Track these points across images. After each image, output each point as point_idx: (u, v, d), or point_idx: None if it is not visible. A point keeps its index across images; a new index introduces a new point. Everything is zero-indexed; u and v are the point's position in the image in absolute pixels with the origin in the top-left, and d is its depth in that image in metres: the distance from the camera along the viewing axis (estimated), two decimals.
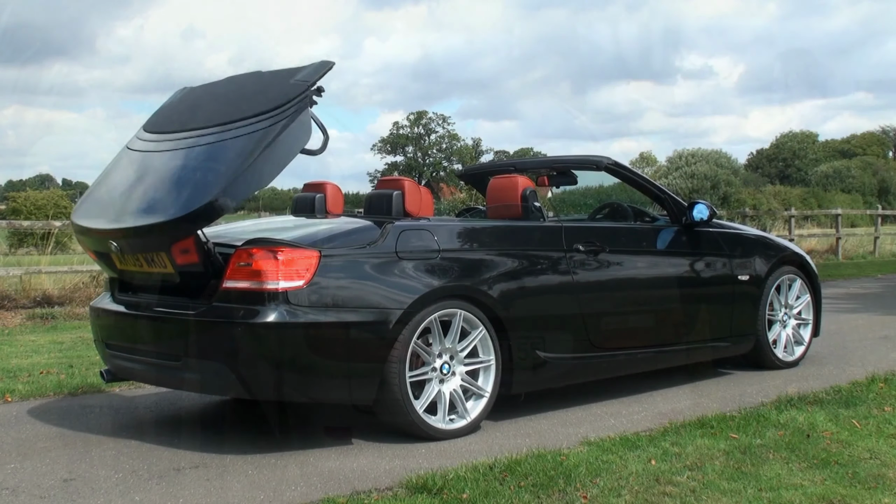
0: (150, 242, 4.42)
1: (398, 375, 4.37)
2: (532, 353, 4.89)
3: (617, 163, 5.76)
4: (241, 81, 5.13)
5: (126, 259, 4.68)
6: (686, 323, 5.79)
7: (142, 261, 4.59)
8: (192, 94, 5.24)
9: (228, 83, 5.19)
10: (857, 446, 4.20)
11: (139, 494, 3.73)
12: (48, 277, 11.35)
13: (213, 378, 4.34)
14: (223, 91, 5.12)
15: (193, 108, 5.02)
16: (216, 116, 4.68)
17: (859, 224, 36.48)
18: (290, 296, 4.19)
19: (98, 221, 4.67)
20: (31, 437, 4.73)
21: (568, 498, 3.56)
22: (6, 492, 3.80)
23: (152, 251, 4.46)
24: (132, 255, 4.60)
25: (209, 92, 5.20)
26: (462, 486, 3.64)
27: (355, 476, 3.93)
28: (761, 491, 3.60)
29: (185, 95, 5.26)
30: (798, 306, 6.48)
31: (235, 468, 4.09)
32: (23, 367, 6.79)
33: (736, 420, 4.72)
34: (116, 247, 4.57)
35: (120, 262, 4.75)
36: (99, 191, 4.94)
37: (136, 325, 4.75)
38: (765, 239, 6.48)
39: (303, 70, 4.67)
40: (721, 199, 29.24)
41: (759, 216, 22.32)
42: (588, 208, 7.14)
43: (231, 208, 4.21)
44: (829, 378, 5.93)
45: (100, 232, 4.62)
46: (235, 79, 5.23)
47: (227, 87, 5.14)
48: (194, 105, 5.06)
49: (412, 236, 4.60)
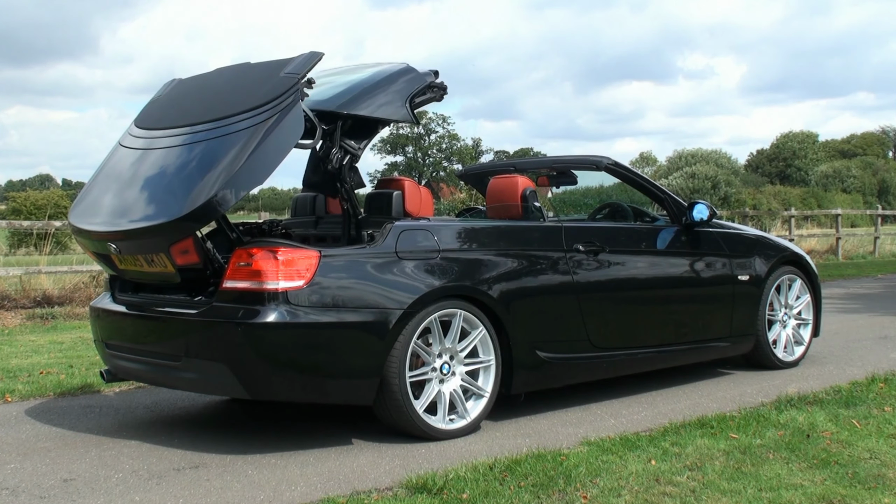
0: (149, 244, 4.42)
1: (398, 375, 4.37)
2: (532, 353, 4.89)
3: (617, 163, 5.76)
4: (231, 73, 5.06)
5: (126, 259, 4.68)
6: (686, 323, 5.79)
7: (142, 261, 4.58)
8: (182, 87, 5.18)
9: (218, 75, 5.13)
10: (857, 446, 4.20)
11: (139, 494, 3.73)
12: (48, 277, 11.35)
13: (213, 378, 4.34)
14: (214, 84, 5.05)
15: (185, 102, 4.97)
16: (209, 111, 4.63)
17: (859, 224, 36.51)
18: (291, 296, 4.19)
19: (95, 223, 4.63)
20: (31, 437, 4.73)
21: (568, 498, 3.56)
22: (6, 492, 3.80)
23: (151, 252, 4.46)
24: (132, 255, 4.60)
25: (200, 85, 5.14)
26: (462, 486, 3.64)
27: (355, 476, 3.93)
28: (761, 491, 3.60)
29: (175, 88, 5.20)
30: (798, 306, 6.48)
31: (235, 468, 4.09)
32: (23, 367, 6.79)
33: (736, 420, 4.72)
34: (115, 248, 4.57)
35: (120, 263, 4.75)
36: (94, 191, 4.90)
37: (137, 325, 4.75)
38: (765, 239, 6.48)
39: (292, 62, 4.61)
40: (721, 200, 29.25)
41: (759, 216, 22.32)
42: (588, 208, 7.14)
43: (229, 205, 4.19)
44: (829, 378, 5.93)
45: (98, 234, 4.60)
46: (225, 71, 5.16)
47: (217, 80, 5.08)
48: (186, 99, 5.01)
49: (412, 236, 4.60)
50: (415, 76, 4.82)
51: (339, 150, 4.63)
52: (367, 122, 4.73)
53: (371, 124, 4.78)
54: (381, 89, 4.69)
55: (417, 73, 4.84)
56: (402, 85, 4.76)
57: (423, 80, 4.86)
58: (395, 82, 4.75)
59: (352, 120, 4.67)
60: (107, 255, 4.74)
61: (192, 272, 4.43)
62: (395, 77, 4.78)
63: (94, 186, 4.93)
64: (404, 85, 4.76)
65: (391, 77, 4.77)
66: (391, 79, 4.76)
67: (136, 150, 4.84)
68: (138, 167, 4.70)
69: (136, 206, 4.52)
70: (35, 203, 33.97)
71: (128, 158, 4.84)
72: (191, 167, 4.39)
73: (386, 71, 4.84)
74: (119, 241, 4.51)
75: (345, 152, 4.66)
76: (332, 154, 4.63)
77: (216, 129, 4.44)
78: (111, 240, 4.54)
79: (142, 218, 4.40)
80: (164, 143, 4.67)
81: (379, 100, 4.66)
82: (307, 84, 4.50)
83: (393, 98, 4.70)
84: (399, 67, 4.86)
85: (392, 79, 4.76)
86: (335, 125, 4.66)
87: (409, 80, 4.79)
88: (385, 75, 4.78)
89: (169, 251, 4.33)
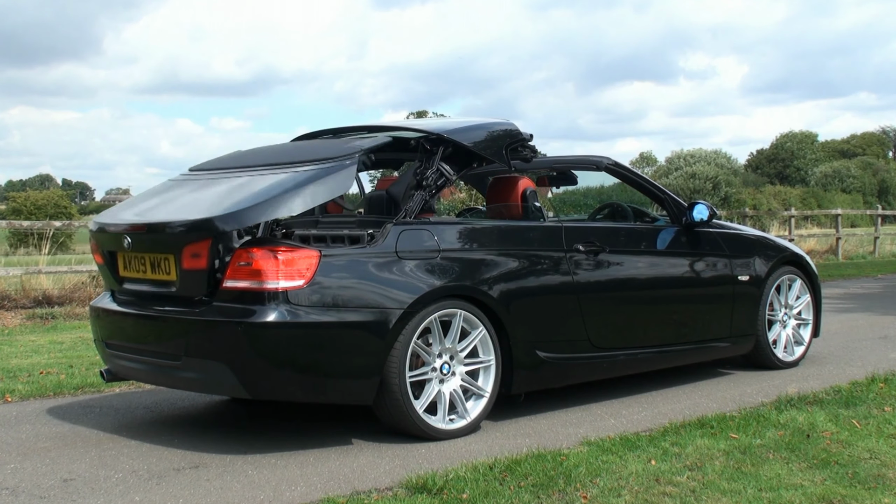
0: (167, 240, 4.47)
1: (398, 375, 4.38)
2: (532, 353, 4.90)
3: (617, 163, 5.77)
4: (302, 144, 5.48)
5: (131, 262, 4.70)
6: (686, 323, 5.80)
7: (147, 264, 4.60)
8: (247, 151, 5.60)
9: (288, 145, 5.56)
10: (857, 446, 4.20)
11: (139, 494, 3.73)
12: (48, 277, 11.36)
13: (214, 378, 4.35)
14: (280, 148, 5.46)
15: (245, 157, 5.37)
16: (266, 161, 5.01)
17: (859, 224, 36.52)
18: (291, 295, 4.19)
19: (118, 219, 4.90)
20: (31, 437, 4.74)
21: (568, 498, 3.56)
22: (6, 492, 3.80)
23: (164, 252, 4.48)
24: (140, 255, 4.62)
25: (266, 148, 5.58)
26: (462, 486, 3.64)
27: (355, 476, 3.93)
28: (761, 491, 3.61)
29: (240, 153, 5.60)
30: (798, 306, 6.48)
31: (235, 468, 4.09)
32: (23, 367, 6.79)
33: (736, 420, 4.72)
34: (129, 243, 4.62)
35: (124, 268, 4.78)
36: (129, 203, 5.28)
37: (137, 325, 4.75)
38: (765, 239, 6.49)
39: (366, 140, 5.03)
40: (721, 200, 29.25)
41: (759, 216, 22.33)
42: (588, 208, 7.14)
43: (256, 222, 4.28)
44: (829, 378, 5.94)
45: (118, 227, 4.76)
46: (297, 143, 5.63)
47: (284, 146, 5.49)
48: (247, 155, 5.42)
49: (412, 236, 4.61)
50: (515, 131, 5.22)
51: (434, 171, 4.89)
52: (466, 155, 5.05)
53: (469, 157, 5.08)
54: (484, 131, 5.16)
55: (518, 130, 5.24)
56: (502, 133, 5.17)
57: (521, 136, 5.20)
58: (496, 131, 5.20)
59: (452, 148, 4.98)
60: (114, 255, 4.82)
61: (191, 281, 4.41)
62: (498, 127, 5.23)
63: (130, 202, 5.31)
64: (504, 134, 5.17)
65: (495, 125, 5.24)
66: (494, 126, 5.23)
67: (183, 181, 5.20)
68: (183, 191, 5.00)
69: (171, 209, 4.77)
70: (35, 203, 34.01)
71: (173, 185, 5.20)
72: (235, 191, 4.60)
73: (491, 122, 5.29)
74: (138, 233, 4.63)
75: (439, 174, 4.90)
76: (427, 174, 4.88)
77: (267, 172, 4.75)
78: (130, 232, 4.66)
79: (173, 215, 4.63)
80: (214, 178, 5.02)
81: (481, 138, 5.07)
82: (369, 160, 4.97)
83: (493, 142, 5.11)
84: (503, 122, 5.30)
85: (495, 126, 5.25)
86: (437, 149, 4.95)
87: (509, 133, 5.19)
88: (490, 123, 5.27)
89: (182, 252, 4.34)
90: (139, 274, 4.70)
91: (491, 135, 5.13)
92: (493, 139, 5.12)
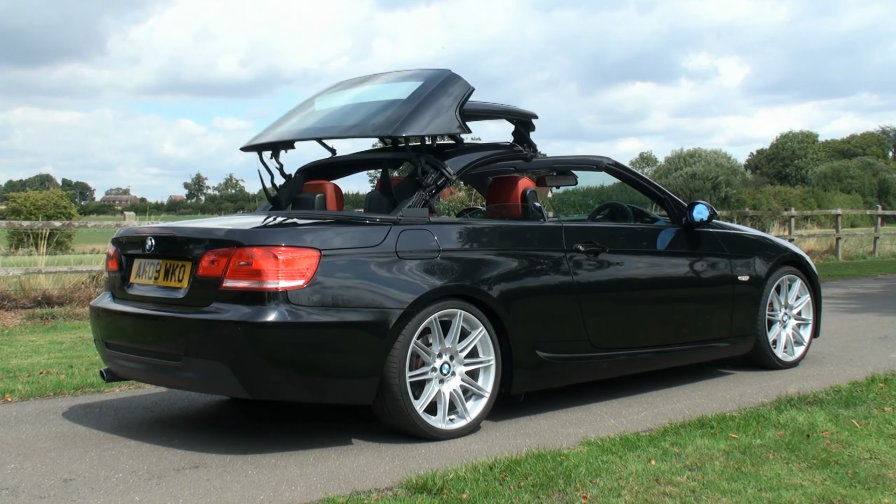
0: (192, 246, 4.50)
1: (398, 375, 4.37)
2: (532, 353, 4.89)
3: (617, 163, 5.76)
4: None
5: (146, 268, 4.75)
6: (686, 323, 5.80)
7: (161, 272, 4.62)
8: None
9: None
10: (857, 446, 4.20)
11: (139, 494, 3.73)
12: (48, 277, 11.35)
13: (214, 378, 4.35)
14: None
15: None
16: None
17: (859, 224, 36.49)
18: (291, 295, 4.19)
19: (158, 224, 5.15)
20: (30, 437, 4.73)
21: (568, 498, 3.56)
22: (6, 492, 3.80)
23: (182, 259, 4.52)
24: (157, 261, 4.66)
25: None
26: (462, 486, 3.64)
27: (355, 476, 3.93)
28: (761, 491, 3.60)
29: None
30: (798, 306, 6.48)
31: (235, 468, 4.09)
32: (23, 367, 6.79)
33: (736, 420, 4.72)
34: (151, 244, 4.66)
35: (136, 274, 4.81)
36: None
37: (137, 325, 4.75)
38: (765, 239, 6.48)
39: None
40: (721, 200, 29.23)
41: (759, 216, 22.31)
42: (588, 208, 7.14)
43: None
44: (829, 378, 5.94)
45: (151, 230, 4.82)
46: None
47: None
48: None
49: (413, 236, 4.60)
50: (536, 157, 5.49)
51: (436, 172, 4.93)
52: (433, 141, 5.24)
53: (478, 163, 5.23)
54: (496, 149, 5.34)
55: (536, 153, 5.48)
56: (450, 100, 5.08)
57: (467, 90, 5.12)
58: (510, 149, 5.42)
59: (420, 142, 5.10)
60: (130, 259, 4.87)
61: (200, 290, 4.40)
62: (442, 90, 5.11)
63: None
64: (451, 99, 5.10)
65: (438, 94, 5.10)
66: (438, 93, 5.09)
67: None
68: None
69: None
70: (35, 203, 33.97)
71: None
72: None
73: (433, 89, 5.17)
74: (167, 237, 4.70)
75: (440, 174, 4.93)
76: (429, 173, 4.92)
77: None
78: (161, 235, 4.72)
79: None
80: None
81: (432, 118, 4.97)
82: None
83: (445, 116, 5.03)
84: (443, 76, 5.17)
85: (506, 145, 5.43)
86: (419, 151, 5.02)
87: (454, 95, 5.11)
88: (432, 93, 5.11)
89: (201, 259, 4.36)
90: (149, 280, 4.73)
91: (439, 109, 4.97)
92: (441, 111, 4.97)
